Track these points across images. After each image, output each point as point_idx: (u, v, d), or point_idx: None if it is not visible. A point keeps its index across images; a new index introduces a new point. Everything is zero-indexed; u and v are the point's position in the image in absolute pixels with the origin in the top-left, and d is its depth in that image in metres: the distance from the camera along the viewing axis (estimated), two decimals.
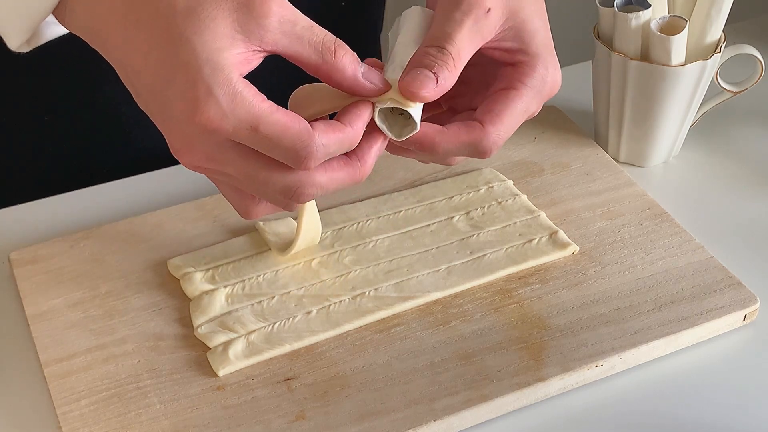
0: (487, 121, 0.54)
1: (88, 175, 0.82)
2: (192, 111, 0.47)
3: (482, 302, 0.66)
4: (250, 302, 0.65)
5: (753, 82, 0.78)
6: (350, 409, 0.59)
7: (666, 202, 0.75)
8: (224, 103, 0.47)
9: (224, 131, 0.48)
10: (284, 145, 0.48)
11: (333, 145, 0.49)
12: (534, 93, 0.55)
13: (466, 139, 0.53)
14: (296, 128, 0.48)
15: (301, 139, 0.48)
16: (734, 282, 0.67)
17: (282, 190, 0.51)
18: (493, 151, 0.54)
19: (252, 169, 0.50)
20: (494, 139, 0.54)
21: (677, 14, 0.73)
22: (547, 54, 0.56)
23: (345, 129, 0.50)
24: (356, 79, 0.50)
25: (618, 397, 0.61)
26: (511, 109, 0.54)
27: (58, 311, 0.65)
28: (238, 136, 0.48)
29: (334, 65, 0.49)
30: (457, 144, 0.53)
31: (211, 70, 0.47)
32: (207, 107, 0.47)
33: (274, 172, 0.50)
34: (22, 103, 0.80)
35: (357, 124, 0.51)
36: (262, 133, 0.48)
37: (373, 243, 0.69)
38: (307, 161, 0.49)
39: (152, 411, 0.59)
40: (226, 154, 0.49)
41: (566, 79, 0.89)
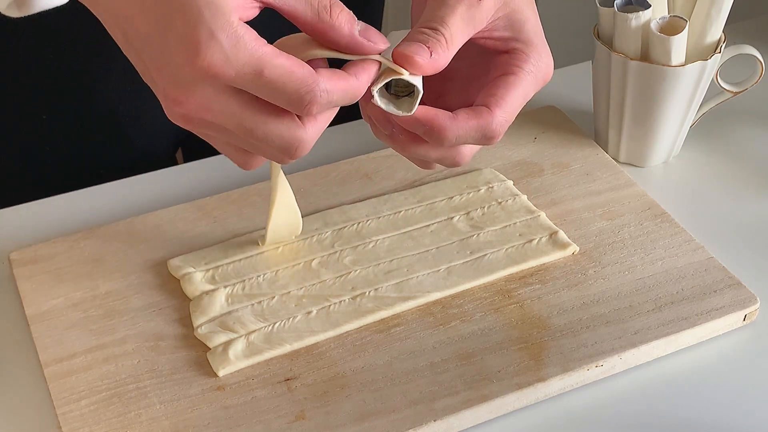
0: (492, 104, 0.53)
1: (87, 174, 0.82)
2: (193, 55, 0.46)
3: (482, 302, 0.66)
4: (250, 302, 0.65)
5: (753, 82, 0.78)
6: (350, 409, 0.59)
7: (666, 202, 0.75)
8: (227, 47, 0.46)
9: (226, 76, 0.46)
10: (288, 89, 0.47)
11: (337, 92, 0.48)
12: (531, 78, 0.55)
13: (475, 123, 0.52)
14: (301, 72, 0.47)
15: (306, 83, 0.47)
16: (734, 282, 0.67)
17: (281, 147, 0.50)
18: (500, 136, 0.54)
19: (252, 120, 0.49)
20: (501, 122, 0.53)
21: (677, 14, 0.73)
22: (539, 41, 0.56)
23: (350, 79, 0.49)
24: (353, 36, 0.49)
25: (618, 397, 0.61)
26: (513, 93, 0.54)
27: (58, 311, 0.65)
28: (241, 81, 0.47)
29: (330, 23, 0.48)
30: (466, 129, 0.53)
31: (212, 14, 0.45)
32: (209, 51, 0.46)
33: (275, 123, 0.49)
34: (21, 102, 0.80)
35: (362, 76, 0.50)
36: (266, 77, 0.46)
37: (373, 243, 0.69)
38: (310, 106, 0.48)
39: (152, 411, 0.59)
40: (224, 103, 0.48)
41: (566, 79, 0.89)
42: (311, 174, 0.76)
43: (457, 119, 0.52)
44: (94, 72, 0.79)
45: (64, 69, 0.79)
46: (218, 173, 0.78)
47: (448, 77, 0.57)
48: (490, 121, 0.53)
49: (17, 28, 0.75)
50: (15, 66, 0.78)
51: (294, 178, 0.75)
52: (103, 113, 0.82)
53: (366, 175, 0.76)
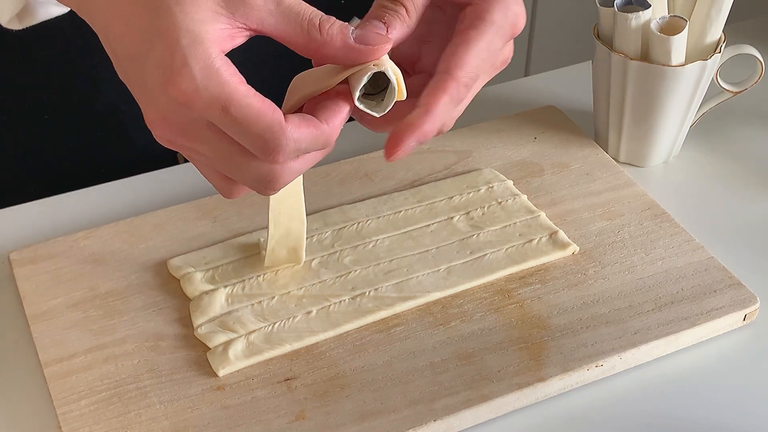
0: (453, 66, 0.50)
1: (88, 174, 0.82)
2: (165, 80, 0.46)
3: (482, 302, 0.66)
4: (250, 302, 0.65)
5: (753, 82, 0.78)
6: (350, 409, 0.59)
7: (666, 202, 0.75)
8: (198, 77, 0.45)
9: (196, 106, 0.46)
10: (253, 132, 0.46)
11: (305, 141, 0.47)
12: (496, 28, 0.52)
13: (445, 97, 0.50)
14: (269, 117, 0.46)
15: (272, 129, 0.46)
16: (734, 282, 0.67)
17: (256, 178, 0.49)
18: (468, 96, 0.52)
19: (226, 151, 0.48)
20: (467, 82, 0.51)
21: (677, 14, 0.73)
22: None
23: (320, 126, 0.48)
24: (348, 47, 0.48)
25: (618, 397, 0.61)
26: (474, 49, 0.51)
27: (58, 311, 0.65)
28: (209, 114, 0.46)
29: (322, 41, 0.47)
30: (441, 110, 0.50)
31: (190, 42, 0.45)
32: (180, 78, 0.45)
33: (249, 158, 0.48)
34: (23, 102, 0.80)
35: (334, 120, 0.49)
36: (232, 116, 0.46)
37: (373, 243, 0.69)
38: (275, 154, 0.47)
39: (152, 411, 0.59)
40: (200, 132, 0.48)
41: (566, 79, 0.89)
42: (311, 174, 0.76)
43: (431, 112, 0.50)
44: (96, 71, 0.79)
45: (65, 68, 0.79)
46: None
47: (423, 40, 0.55)
48: (455, 87, 0.50)
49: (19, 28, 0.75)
50: (17, 65, 0.78)
51: None
52: (105, 112, 0.82)
53: (366, 175, 0.76)
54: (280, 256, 0.66)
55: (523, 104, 0.86)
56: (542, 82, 0.89)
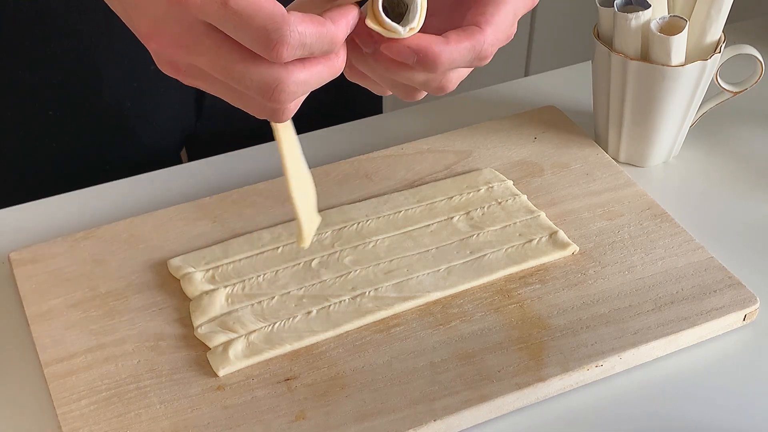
0: (483, 23, 0.50)
1: (93, 171, 0.82)
2: None
3: (482, 302, 0.66)
4: (250, 302, 0.65)
5: (753, 82, 0.78)
6: (350, 409, 0.59)
7: (666, 202, 0.75)
8: None
9: (192, 4, 0.44)
10: (255, 24, 0.44)
11: (310, 35, 0.45)
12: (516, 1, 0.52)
13: (468, 43, 0.50)
14: (269, 8, 0.44)
15: (274, 20, 0.43)
16: (734, 282, 0.67)
17: (259, 88, 0.46)
18: (491, 56, 0.51)
19: (226, 59, 0.46)
20: (492, 41, 0.51)
21: (677, 14, 0.73)
22: None
23: (326, 23, 0.46)
24: None
25: (618, 397, 0.61)
26: (504, 10, 0.51)
27: (58, 311, 0.65)
28: (207, 10, 0.44)
29: None
30: (459, 50, 0.49)
31: None
32: None
33: (250, 64, 0.46)
34: (28, 98, 0.80)
35: (340, 21, 0.46)
36: (231, 8, 0.43)
37: (373, 243, 0.69)
38: (279, 47, 0.44)
39: (152, 411, 0.59)
40: (198, 39, 0.46)
41: (566, 79, 0.89)
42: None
43: (449, 43, 0.49)
44: (100, 68, 0.80)
45: (70, 65, 0.79)
46: (219, 173, 0.78)
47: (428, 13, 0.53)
48: (482, 40, 0.50)
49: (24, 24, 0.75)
50: (22, 62, 0.78)
51: None
52: (109, 109, 0.82)
53: (366, 175, 0.76)
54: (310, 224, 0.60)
55: (523, 104, 0.86)
56: (542, 82, 0.89)
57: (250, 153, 0.81)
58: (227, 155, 0.80)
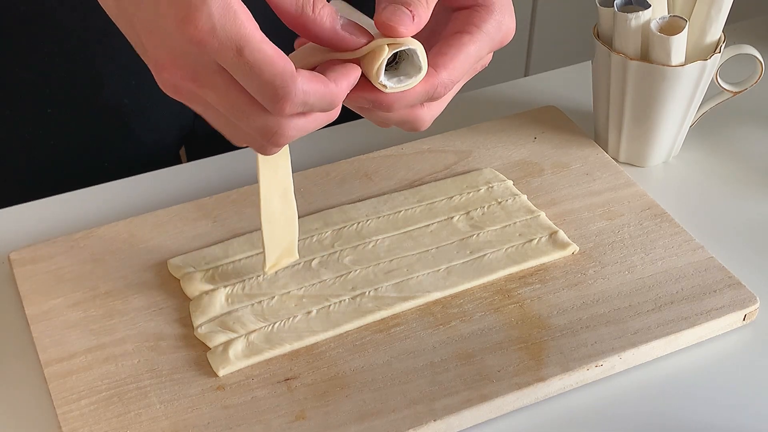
0: (440, 65, 0.52)
1: (90, 169, 0.82)
2: (182, 19, 0.45)
3: (482, 302, 0.66)
4: (250, 302, 0.65)
5: (753, 82, 0.78)
6: (350, 409, 0.59)
7: (666, 202, 0.75)
8: (216, 16, 0.45)
9: (210, 47, 0.46)
10: (264, 77, 0.46)
11: (313, 95, 0.48)
12: (488, 39, 0.53)
13: (422, 89, 0.51)
14: (281, 65, 0.46)
15: (283, 77, 0.46)
16: (734, 282, 0.67)
17: (260, 130, 0.49)
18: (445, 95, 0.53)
19: (234, 99, 0.48)
20: (446, 83, 0.52)
21: (677, 14, 0.73)
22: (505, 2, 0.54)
23: (329, 84, 0.48)
24: (335, 31, 0.49)
25: (618, 397, 0.61)
26: (464, 54, 0.53)
27: (58, 311, 0.65)
28: (223, 55, 0.46)
29: (313, 18, 0.48)
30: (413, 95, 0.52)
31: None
32: (198, 15, 0.45)
33: (255, 108, 0.48)
34: (26, 96, 0.80)
35: (342, 83, 0.49)
36: (245, 58, 0.46)
37: (373, 243, 0.69)
38: (283, 103, 0.47)
39: (152, 411, 0.59)
40: (210, 76, 0.48)
41: (566, 79, 0.89)
42: (311, 174, 0.76)
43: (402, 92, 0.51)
44: (99, 66, 0.80)
45: (68, 63, 0.79)
46: (218, 173, 0.78)
47: None
48: (436, 84, 0.52)
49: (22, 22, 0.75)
50: (20, 60, 0.78)
51: (294, 178, 0.75)
52: (108, 107, 0.82)
53: (366, 175, 0.76)
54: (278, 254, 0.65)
55: (523, 104, 0.86)
56: (542, 82, 0.89)
57: (250, 153, 0.80)
58: (227, 155, 0.80)
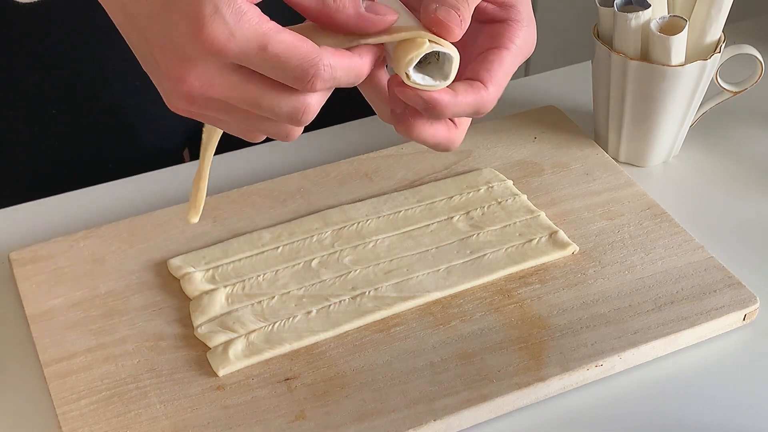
0: (487, 79, 0.53)
1: (94, 170, 0.82)
2: (197, 30, 0.46)
3: (482, 302, 0.66)
4: (250, 302, 0.65)
5: (753, 82, 0.78)
6: (350, 409, 0.59)
7: (666, 202, 0.75)
8: (231, 22, 0.45)
9: (230, 52, 0.46)
10: (293, 63, 0.47)
11: (340, 69, 0.48)
12: (521, 53, 0.55)
13: (472, 100, 0.52)
14: (305, 47, 0.47)
15: (310, 57, 0.47)
16: (734, 282, 0.67)
17: (289, 114, 0.49)
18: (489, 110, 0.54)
19: (257, 92, 0.48)
20: (493, 98, 0.53)
21: (677, 14, 0.73)
22: (531, 13, 0.56)
23: (354, 57, 0.49)
24: (360, 16, 0.48)
25: (618, 397, 0.61)
26: (505, 68, 0.54)
27: (58, 311, 0.65)
28: (245, 56, 0.47)
29: (335, 6, 0.48)
30: (464, 104, 0.52)
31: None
32: (213, 25, 0.45)
33: (279, 94, 0.49)
34: (30, 97, 0.80)
35: (366, 56, 0.49)
36: (270, 52, 0.46)
37: (373, 243, 0.69)
38: (314, 81, 0.47)
39: (152, 411, 0.59)
40: (228, 78, 0.48)
41: (566, 79, 0.89)
42: (311, 174, 0.76)
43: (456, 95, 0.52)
44: (103, 66, 0.80)
45: (73, 64, 0.79)
46: (218, 173, 0.78)
47: None
48: (486, 98, 0.53)
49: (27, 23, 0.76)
50: (24, 61, 0.78)
51: (294, 178, 0.76)
52: (112, 108, 0.82)
53: (366, 175, 0.76)
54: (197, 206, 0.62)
55: (523, 104, 0.86)
56: (542, 82, 0.89)
57: (250, 153, 0.81)
58: (227, 155, 0.80)
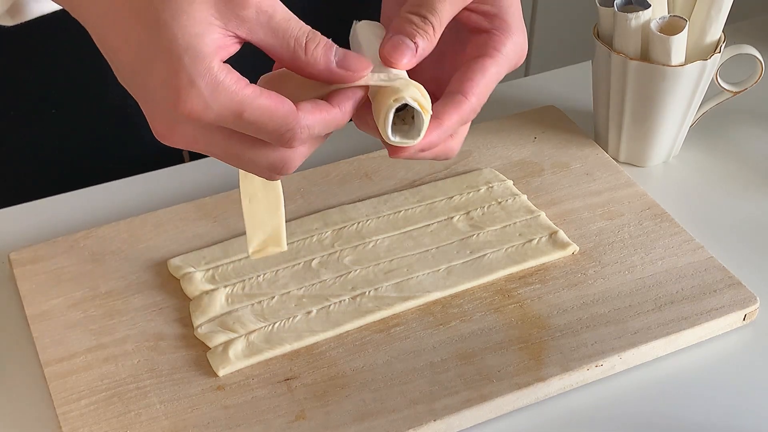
0: (468, 91, 0.53)
1: (94, 169, 0.82)
2: (174, 100, 0.46)
3: (482, 302, 0.66)
4: (250, 302, 0.65)
5: (753, 82, 0.78)
6: (350, 409, 0.59)
7: (666, 202, 0.75)
8: (206, 93, 0.46)
9: (207, 119, 0.47)
10: (270, 128, 0.47)
11: (318, 125, 0.49)
12: (507, 61, 0.55)
13: (456, 118, 0.53)
14: (281, 111, 0.47)
15: (287, 121, 0.47)
16: (734, 282, 0.67)
17: (268, 167, 0.51)
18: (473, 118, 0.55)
19: (237, 149, 0.49)
20: (476, 108, 0.54)
21: (677, 14, 0.73)
22: (519, 22, 0.56)
23: (332, 110, 0.49)
24: (330, 70, 0.49)
25: (618, 397, 0.61)
26: (489, 77, 0.54)
27: (58, 311, 0.65)
28: (222, 121, 0.47)
29: (306, 60, 0.48)
30: (451, 126, 0.53)
31: (192, 59, 0.46)
32: (189, 97, 0.46)
33: (259, 150, 0.50)
34: (30, 96, 0.80)
35: (346, 106, 0.50)
36: (246, 119, 0.47)
37: (373, 243, 0.69)
38: (291, 142, 0.48)
39: (152, 411, 0.59)
40: (210, 137, 0.49)
41: (566, 79, 0.89)
42: (311, 174, 0.76)
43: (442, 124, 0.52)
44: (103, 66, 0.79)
45: (74, 62, 0.79)
46: (219, 173, 0.78)
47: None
48: (469, 107, 0.53)
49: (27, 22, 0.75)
50: (24, 60, 0.78)
51: (294, 178, 0.76)
52: (112, 107, 0.82)
53: (366, 175, 0.76)
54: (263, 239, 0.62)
55: (523, 104, 0.86)
56: (542, 82, 0.89)
57: None
58: None
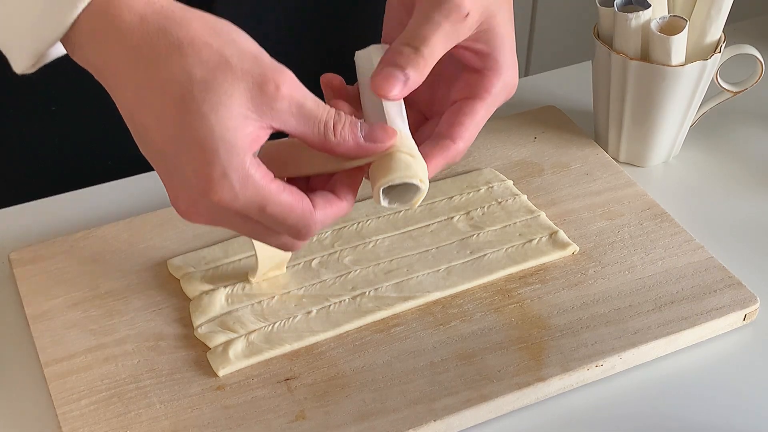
0: (456, 136, 0.55)
1: (95, 168, 0.81)
2: (205, 189, 0.48)
3: (482, 302, 0.66)
4: (250, 302, 0.65)
5: (753, 82, 0.78)
6: (350, 409, 0.59)
7: (666, 202, 0.75)
8: (237, 186, 0.48)
9: (234, 209, 0.49)
10: (288, 224, 0.51)
11: (329, 219, 0.52)
12: (496, 100, 0.57)
13: (443, 162, 0.55)
14: (300, 209, 0.50)
15: (303, 218, 0.51)
16: (734, 282, 0.67)
17: (281, 246, 0.54)
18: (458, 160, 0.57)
19: (258, 232, 0.52)
20: (462, 151, 0.55)
21: (677, 14, 0.73)
22: (512, 59, 0.57)
23: (341, 204, 0.53)
24: (359, 146, 0.51)
25: (618, 397, 0.61)
26: (478, 120, 0.56)
27: (58, 311, 0.65)
28: (246, 211, 0.50)
29: (336, 142, 0.51)
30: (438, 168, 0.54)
31: (227, 152, 0.47)
32: (220, 188, 0.48)
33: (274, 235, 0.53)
34: (30, 94, 0.80)
35: (350, 198, 0.53)
36: (268, 213, 0.50)
37: (373, 243, 0.69)
38: (306, 236, 0.52)
39: (152, 411, 0.59)
40: (230, 219, 0.51)
41: (566, 79, 0.89)
42: None
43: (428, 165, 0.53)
44: None
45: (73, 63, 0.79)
46: None
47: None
48: (455, 151, 0.55)
49: None
50: None
51: None
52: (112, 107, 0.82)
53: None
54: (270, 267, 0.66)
55: (523, 104, 0.85)
56: (542, 82, 0.89)
57: None
58: None
